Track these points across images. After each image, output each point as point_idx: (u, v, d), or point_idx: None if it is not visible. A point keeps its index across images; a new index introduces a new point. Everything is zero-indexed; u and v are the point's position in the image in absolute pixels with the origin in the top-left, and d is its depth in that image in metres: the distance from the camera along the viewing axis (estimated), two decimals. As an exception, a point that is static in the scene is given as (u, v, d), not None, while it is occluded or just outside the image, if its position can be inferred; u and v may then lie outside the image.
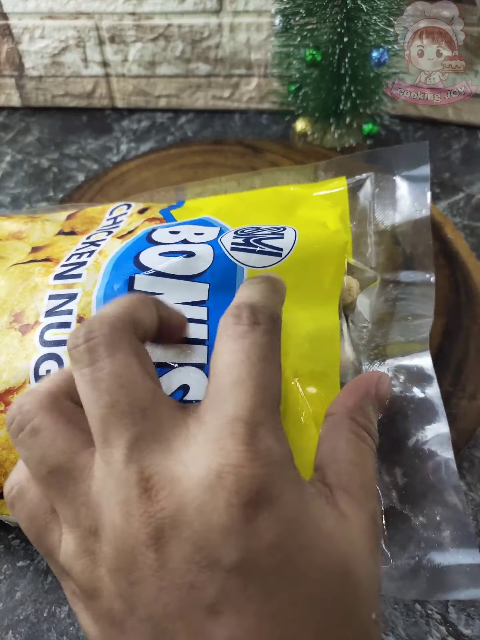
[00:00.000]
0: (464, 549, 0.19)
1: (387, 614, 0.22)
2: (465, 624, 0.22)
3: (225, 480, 0.12)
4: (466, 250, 0.32)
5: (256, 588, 0.12)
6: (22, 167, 0.47)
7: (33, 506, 0.14)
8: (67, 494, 0.13)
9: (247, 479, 0.12)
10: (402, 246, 0.27)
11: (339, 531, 0.13)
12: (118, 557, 0.12)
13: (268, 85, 0.47)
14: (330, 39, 0.35)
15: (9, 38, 0.48)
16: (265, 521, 0.12)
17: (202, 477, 0.12)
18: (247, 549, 0.12)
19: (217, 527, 0.12)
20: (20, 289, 0.22)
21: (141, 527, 0.12)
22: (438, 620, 0.22)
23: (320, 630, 0.12)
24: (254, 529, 0.12)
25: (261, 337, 0.14)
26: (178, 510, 0.12)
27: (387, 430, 0.22)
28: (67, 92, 0.51)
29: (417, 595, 0.19)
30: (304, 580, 0.12)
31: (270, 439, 0.13)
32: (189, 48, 0.47)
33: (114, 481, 0.13)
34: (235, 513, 0.12)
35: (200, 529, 0.12)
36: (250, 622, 0.11)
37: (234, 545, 0.12)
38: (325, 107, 0.39)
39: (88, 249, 0.23)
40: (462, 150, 0.44)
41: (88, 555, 0.13)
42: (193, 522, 0.12)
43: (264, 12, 0.43)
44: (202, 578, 0.12)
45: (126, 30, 0.46)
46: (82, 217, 0.28)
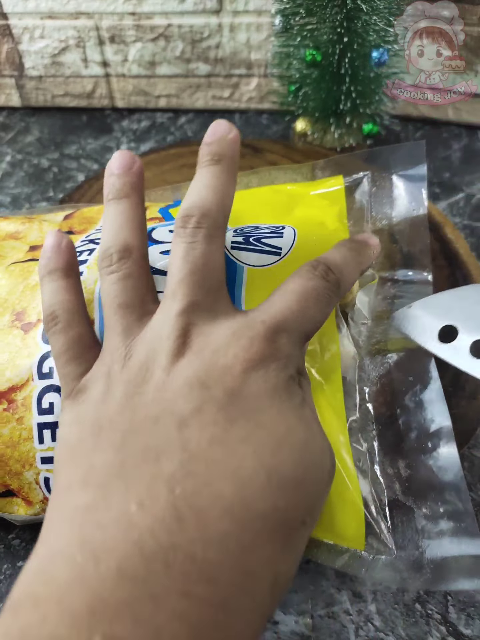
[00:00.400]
0: (468, 540, 0.19)
1: (387, 614, 0.22)
2: (465, 624, 0.22)
3: (240, 340, 0.16)
4: (466, 250, 0.32)
5: (223, 416, 0.14)
6: (22, 167, 0.47)
7: (76, 336, 0.18)
8: (127, 324, 0.17)
9: (257, 345, 0.16)
10: (399, 244, 0.27)
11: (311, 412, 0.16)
12: (137, 372, 0.16)
13: (268, 85, 0.47)
14: (330, 39, 0.35)
15: (9, 38, 0.48)
16: (257, 378, 0.15)
17: (226, 335, 0.16)
18: (232, 390, 0.15)
19: (220, 367, 0.15)
20: (21, 287, 0.22)
21: (165, 356, 0.16)
22: (438, 620, 0.22)
23: (261, 465, 0.14)
24: (244, 377, 0.15)
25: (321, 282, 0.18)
26: (198, 351, 0.16)
27: (390, 424, 0.22)
28: (67, 92, 0.51)
29: (422, 586, 0.19)
30: (265, 430, 0.14)
31: (288, 344, 0.16)
32: (189, 48, 0.47)
33: (164, 324, 0.16)
34: (236, 362, 0.15)
35: (207, 364, 0.15)
36: (206, 438, 0.14)
37: (222, 384, 0.15)
38: (325, 107, 0.39)
39: (88, 247, 0.23)
40: (462, 150, 0.44)
41: (107, 376, 0.16)
42: (204, 360, 0.15)
43: (264, 12, 0.43)
44: (188, 398, 0.15)
45: (126, 30, 0.46)
46: (80, 217, 0.28)
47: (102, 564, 0.12)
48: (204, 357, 0.16)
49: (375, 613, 0.22)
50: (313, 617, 0.22)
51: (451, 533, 0.19)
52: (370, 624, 0.22)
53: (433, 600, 0.23)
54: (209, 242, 0.17)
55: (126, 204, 0.19)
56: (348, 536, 0.19)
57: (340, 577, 0.23)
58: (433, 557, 0.19)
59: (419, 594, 0.23)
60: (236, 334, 0.16)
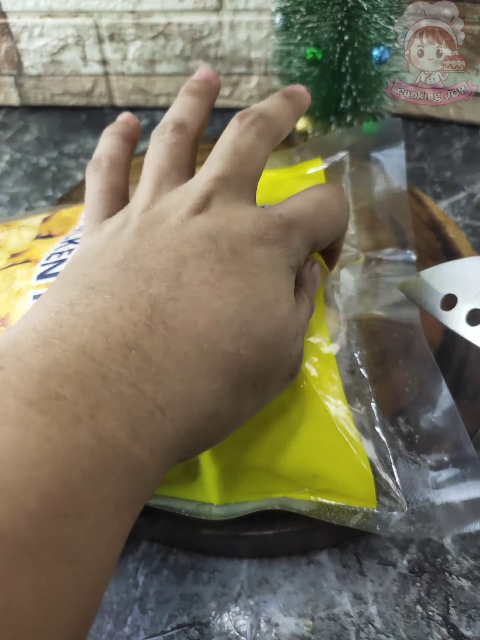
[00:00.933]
0: (475, 483, 0.20)
1: (388, 616, 0.22)
2: (467, 625, 0.22)
3: (257, 221, 0.17)
4: (468, 249, 0.32)
5: (221, 267, 0.15)
6: (21, 166, 0.46)
7: (112, 183, 0.21)
8: (159, 182, 0.18)
9: (271, 229, 0.17)
10: (382, 223, 0.28)
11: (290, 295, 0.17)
12: (154, 216, 0.17)
13: (268, 83, 0.47)
14: (331, 37, 0.35)
15: (8, 37, 0.48)
16: (263, 253, 0.16)
17: (245, 213, 0.17)
18: (236, 251, 0.16)
19: (232, 233, 0.16)
20: (5, 294, 0.23)
21: (185, 208, 0.17)
22: (439, 621, 0.22)
23: (240, 315, 0.15)
24: (251, 248, 0.16)
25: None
26: (216, 215, 0.17)
27: (384, 384, 0.23)
28: (66, 90, 0.51)
29: (435, 534, 0.20)
30: (255, 291, 0.15)
31: (298, 239, 0.18)
32: (189, 46, 0.46)
33: (193, 186, 0.18)
34: (248, 234, 0.16)
35: (221, 226, 0.16)
36: (199, 278, 0.15)
37: (230, 243, 0.16)
38: (326, 105, 0.39)
39: (67, 247, 0.23)
40: (464, 149, 0.44)
41: (126, 218, 0.18)
42: (219, 222, 0.16)
43: (264, 10, 0.43)
44: (194, 244, 0.16)
45: (125, 28, 0.46)
46: (58, 218, 0.28)
47: (67, 340, 0.13)
48: (220, 220, 0.17)
49: (376, 615, 0.22)
50: (313, 619, 0.22)
51: (458, 479, 0.20)
52: (371, 625, 0.22)
53: (434, 601, 0.22)
54: (259, 138, 0.19)
55: (196, 99, 0.21)
56: (359, 497, 0.20)
57: (341, 578, 0.23)
58: (443, 505, 0.20)
59: (419, 595, 0.23)
60: (254, 215, 0.17)
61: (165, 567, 0.24)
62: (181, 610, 0.23)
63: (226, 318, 0.15)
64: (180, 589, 0.23)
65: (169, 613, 0.23)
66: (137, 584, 0.24)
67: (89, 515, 0.11)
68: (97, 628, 0.22)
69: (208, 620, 0.22)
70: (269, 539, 0.23)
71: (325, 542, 0.24)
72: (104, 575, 0.11)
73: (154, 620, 0.23)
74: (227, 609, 0.23)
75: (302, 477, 0.20)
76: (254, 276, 0.16)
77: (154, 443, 0.13)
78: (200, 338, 0.14)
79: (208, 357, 0.14)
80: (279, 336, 0.16)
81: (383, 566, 0.23)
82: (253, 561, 0.24)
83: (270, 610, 0.23)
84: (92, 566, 0.11)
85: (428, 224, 0.34)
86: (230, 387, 0.15)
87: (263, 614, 0.23)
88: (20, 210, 0.42)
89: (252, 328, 0.15)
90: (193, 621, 0.22)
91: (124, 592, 0.23)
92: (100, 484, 0.11)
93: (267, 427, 0.20)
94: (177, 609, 0.23)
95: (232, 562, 0.24)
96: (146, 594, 0.23)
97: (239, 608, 0.23)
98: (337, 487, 0.20)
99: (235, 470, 0.20)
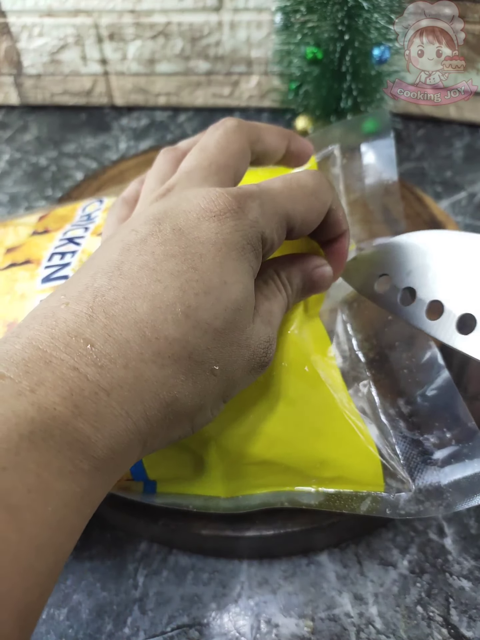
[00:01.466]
0: (478, 458, 0.20)
1: (389, 617, 0.22)
2: (467, 626, 0.22)
3: (209, 194, 0.16)
4: (468, 249, 0.32)
5: (162, 250, 0.15)
6: (21, 165, 0.46)
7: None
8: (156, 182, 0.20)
9: (222, 200, 0.16)
10: (374, 214, 0.28)
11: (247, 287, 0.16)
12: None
13: (268, 83, 0.47)
14: (331, 36, 0.35)
15: (8, 36, 0.48)
16: (211, 228, 0.16)
17: (202, 190, 0.17)
18: (180, 230, 0.16)
19: (180, 210, 0.16)
20: (7, 298, 0.23)
21: (151, 198, 0.18)
22: (440, 622, 0.22)
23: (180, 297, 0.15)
24: (197, 223, 0.16)
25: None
26: (170, 196, 0.17)
27: (381, 367, 0.23)
28: (66, 90, 0.51)
29: (445, 511, 0.20)
30: (198, 273, 0.15)
31: (258, 210, 0.17)
32: (189, 46, 0.46)
33: (156, 167, 0.20)
34: (196, 209, 0.16)
35: (170, 206, 0.16)
36: (138, 263, 0.15)
37: (174, 222, 0.16)
38: (326, 105, 0.39)
39: (69, 249, 0.23)
40: (464, 148, 0.44)
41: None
42: (170, 203, 0.16)
43: (264, 10, 0.43)
44: (139, 229, 0.16)
45: (125, 28, 0.46)
46: (54, 216, 0.28)
47: (20, 335, 0.14)
48: (170, 201, 0.17)
49: (377, 615, 0.22)
50: (314, 620, 0.22)
51: (462, 455, 0.20)
52: (371, 626, 0.22)
53: (435, 602, 0.22)
54: (225, 134, 0.19)
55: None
56: (367, 481, 0.20)
57: (341, 579, 0.23)
58: (450, 482, 0.20)
59: (420, 596, 0.23)
60: (208, 190, 0.16)
61: (165, 567, 0.24)
62: (181, 610, 0.23)
63: (167, 303, 0.14)
64: (180, 589, 0.23)
65: (168, 614, 0.23)
66: (137, 584, 0.23)
67: (29, 472, 0.12)
68: (97, 628, 0.22)
69: (208, 621, 0.22)
70: (269, 540, 0.23)
71: (326, 543, 0.24)
72: (50, 536, 0.12)
73: (154, 621, 0.22)
74: (227, 610, 0.23)
75: (309, 466, 0.20)
76: (198, 257, 0.15)
77: (100, 422, 0.13)
78: (141, 324, 0.14)
79: (152, 343, 0.14)
80: (229, 322, 0.15)
81: (383, 567, 0.23)
82: (253, 562, 0.24)
83: (270, 611, 0.23)
84: (33, 520, 0.11)
85: (429, 224, 0.34)
86: (184, 373, 0.15)
87: (263, 614, 0.22)
88: (20, 210, 0.42)
89: (197, 313, 0.15)
90: (193, 622, 0.22)
91: (123, 593, 0.23)
92: (39, 446, 0.12)
93: (273, 420, 0.20)
94: (177, 609, 0.23)
95: (232, 562, 0.24)
96: (146, 594, 0.23)
97: (239, 609, 0.23)
98: (345, 472, 0.20)
99: (241, 464, 0.21)
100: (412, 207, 0.35)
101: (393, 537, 0.24)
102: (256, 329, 0.17)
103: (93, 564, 0.24)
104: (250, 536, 0.22)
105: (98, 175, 0.41)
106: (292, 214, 0.17)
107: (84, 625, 0.22)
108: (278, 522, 0.22)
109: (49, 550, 0.12)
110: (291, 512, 0.22)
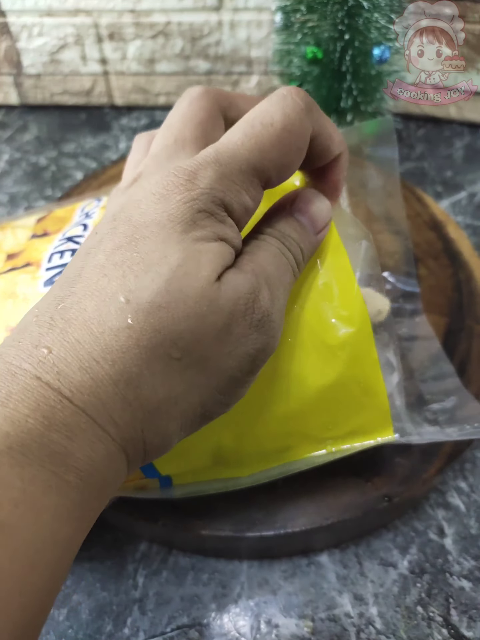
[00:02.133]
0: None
1: (389, 617, 0.22)
2: (467, 626, 0.22)
3: (163, 176, 0.16)
4: (469, 249, 0.32)
5: (112, 245, 0.15)
6: (20, 165, 0.46)
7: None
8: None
9: (170, 179, 0.16)
10: (376, 217, 0.28)
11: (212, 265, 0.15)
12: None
13: (269, 82, 0.47)
14: (331, 36, 0.35)
15: (7, 36, 0.48)
16: (157, 209, 0.15)
17: (162, 173, 0.16)
18: (129, 220, 0.15)
19: (133, 200, 0.16)
20: (10, 301, 0.22)
21: (123, 189, 0.17)
22: (440, 622, 0.22)
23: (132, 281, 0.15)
24: (145, 209, 0.15)
25: None
26: (131, 186, 0.17)
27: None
28: (66, 90, 0.51)
29: (461, 436, 0.22)
30: (139, 255, 0.15)
31: (213, 176, 0.16)
32: (189, 45, 0.46)
33: (131, 157, 0.20)
34: (145, 195, 0.16)
35: (127, 199, 0.16)
36: (92, 264, 0.15)
37: (125, 215, 0.16)
38: (326, 104, 0.39)
39: (68, 247, 0.23)
40: (465, 148, 0.44)
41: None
42: (128, 195, 0.16)
43: (264, 9, 0.43)
44: (99, 230, 0.16)
45: (125, 27, 0.46)
46: (53, 218, 0.27)
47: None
48: (128, 193, 0.16)
49: (377, 616, 0.22)
50: (314, 620, 0.22)
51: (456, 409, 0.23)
52: (371, 626, 0.22)
53: (435, 602, 0.22)
54: (193, 102, 0.19)
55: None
56: (377, 430, 0.21)
57: (341, 579, 0.23)
58: (463, 416, 0.23)
59: (420, 596, 0.23)
60: (162, 174, 0.16)
61: (165, 568, 0.24)
62: (181, 611, 0.23)
63: (109, 295, 0.14)
64: (180, 590, 0.23)
65: (168, 614, 0.23)
66: (136, 585, 0.23)
67: (13, 489, 0.12)
68: (97, 629, 0.22)
69: (208, 622, 0.22)
70: (269, 540, 0.23)
71: (326, 543, 0.24)
72: (44, 551, 0.12)
73: (154, 622, 0.22)
74: (227, 610, 0.23)
75: (323, 429, 0.21)
76: (142, 240, 0.15)
77: (70, 430, 0.13)
78: (89, 322, 0.14)
79: (98, 338, 0.14)
80: (171, 292, 0.14)
81: (383, 567, 0.23)
82: (253, 562, 0.24)
83: (270, 611, 0.23)
84: (23, 536, 0.11)
85: (429, 224, 0.34)
86: (138, 365, 0.14)
87: (263, 615, 0.22)
88: (20, 209, 0.42)
89: (137, 295, 0.14)
90: (193, 622, 0.22)
91: (123, 593, 0.23)
92: (20, 461, 0.12)
93: (288, 398, 0.20)
94: (177, 610, 0.23)
95: (232, 563, 0.24)
96: (146, 595, 0.23)
97: (239, 609, 0.23)
98: (356, 427, 0.21)
99: (259, 444, 0.21)
100: (412, 207, 0.34)
101: (393, 538, 0.24)
102: (227, 286, 0.15)
103: (93, 564, 0.24)
104: (251, 536, 0.22)
105: (98, 175, 0.40)
106: (262, 166, 0.16)
107: (83, 626, 0.22)
108: (278, 522, 0.22)
109: (43, 565, 0.12)
110: (291, 513, 0.22)
